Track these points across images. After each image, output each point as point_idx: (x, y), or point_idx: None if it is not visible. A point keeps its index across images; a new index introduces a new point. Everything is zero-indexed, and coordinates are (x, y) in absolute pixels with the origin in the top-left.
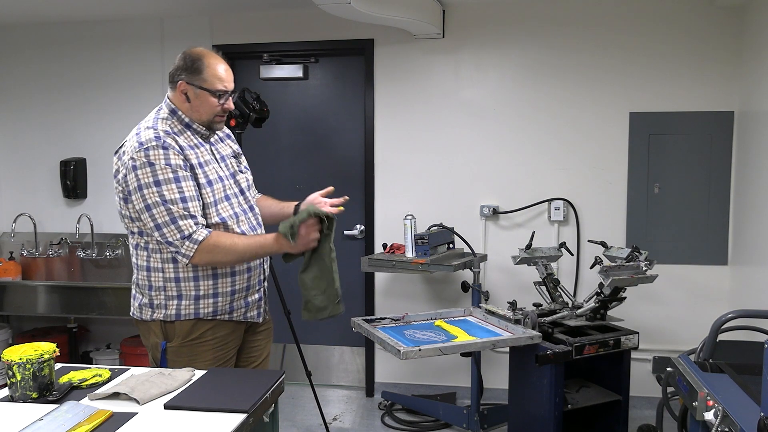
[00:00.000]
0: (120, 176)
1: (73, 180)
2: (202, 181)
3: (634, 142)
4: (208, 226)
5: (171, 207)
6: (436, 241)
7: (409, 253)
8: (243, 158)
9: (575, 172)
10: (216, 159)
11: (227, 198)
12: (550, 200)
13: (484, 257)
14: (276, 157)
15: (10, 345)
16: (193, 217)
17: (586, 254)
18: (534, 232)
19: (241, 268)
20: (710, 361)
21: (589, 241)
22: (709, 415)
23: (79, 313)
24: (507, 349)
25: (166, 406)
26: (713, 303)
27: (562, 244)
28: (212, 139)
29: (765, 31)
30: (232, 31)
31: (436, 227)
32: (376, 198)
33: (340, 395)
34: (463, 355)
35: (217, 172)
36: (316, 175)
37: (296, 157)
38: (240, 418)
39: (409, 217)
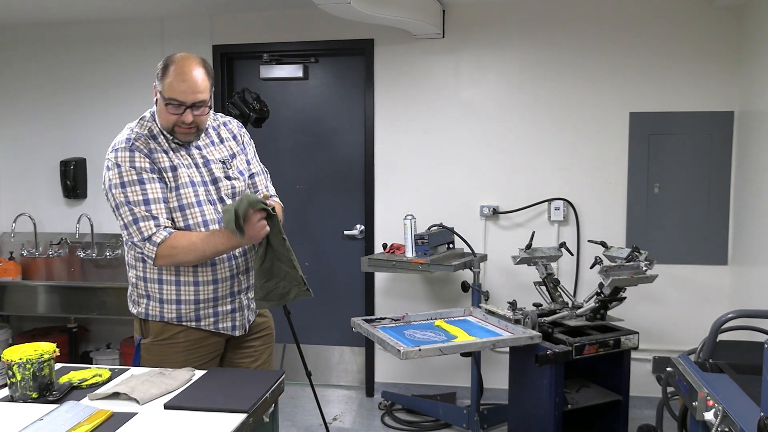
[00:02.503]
0: (102, 175)
1: (73, 180)
2: (171, 184)
3: (634, 142)
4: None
5: (134, 208)
6: (436, 241)
7: (409, 253)
8: (240, 161)
9: (575, 172)
10: (195, 164)
11: (198, 204)
12: (550, 200)
13: (484, 257)
14: (276, 157)
15: (10, 345)
16: (155, 218)
17: (586, 254)
18: (534, 232)
19: (205, 279)
20: (710, 361)
21: (589, 241)
22: (709, 415)
23: (79, 313)
24: (507, 349)
25: (166, 406)
26: (713, 303)
27: (562, 244)
28: (201, 143)
29: (765, 31)
30: (232, 31)
31: (436, 227)
32: (376, 198)
33: (340, 395)
34: (463, 355)
35: (189, 177)
36: (316, 175)
37: (296, 157)
38: (240, 418)
39: (409, 217)
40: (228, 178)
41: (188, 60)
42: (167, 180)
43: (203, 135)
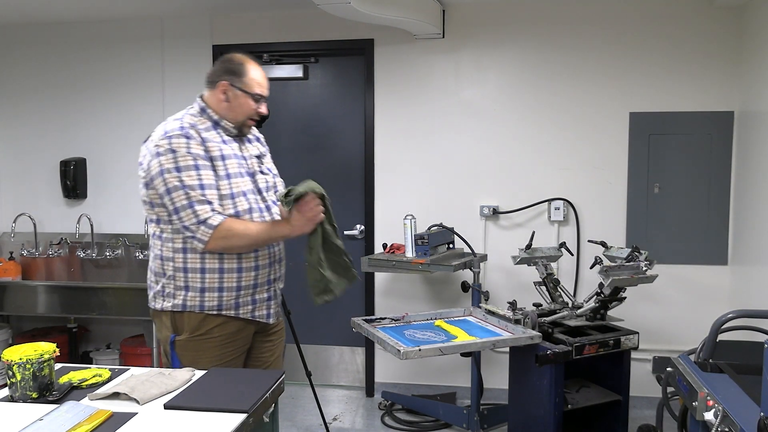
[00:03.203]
0: (144, 162)
1: (73, 180)
2: (221, 173)
3: (634, 142)
4: None
5: (189, 192)
6: (436, 241)
7: (409, 253)
8: (268, 160)
9: (575, 172)
10: (239, 156)
11: (244, 194)
12: (550, 200)
13: (484, 257)
14: (276, 157)
15: (10, 345)
16: (209, 203)
17: (586, 254)
18: (534, 232)
19: (248, 265)
20: (710, 361)
21: (589, 241)
22: (709, 415)
23: (79, 313)
24: (507, 349)
25: (166, 406)
26: (713, 303)
27: (562, 244)
28: (238, 141)
29: (765, 31)
30: (232, 31)
31: (436, 227)
32: (376, 198)
33: (340, 395)
34: (463, 355)
35: (238, 167)
36: (316, 175)
37: (296, 157)
38: (240, 418)
39: (409, 217)
40: (262, 172)
41: (254, 61)
42: (217, 168)
43: None
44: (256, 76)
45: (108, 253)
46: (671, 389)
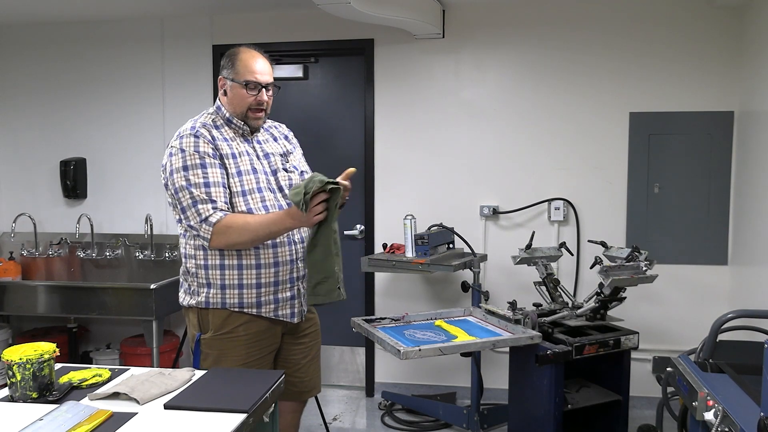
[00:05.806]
0: (163, 163)
1: (73, 180)
2: (232, 170)
3: (634, 142)
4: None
5: (193, 191)
6: (436, 241)
7: (409, 253)
8: (295, 157)
9: (575, 172)
10: (257, 155)
11: (259, 190)
12: (550, 200)
13: (484, 257)
14: None
15: (10, 345)
16: (213, 201)
17: (586, 254)
18: (534, 232)
19: (267, 262)
20: (710, 361)
21: (589, 241)
22: (709, 415)
23: (79, 313)
24: (507, 349)
25: (166, 406)
26: (713, 303)
27: (562, 244)
28: (260, 138)
29: (765, 31)
30: (232, 31)
31: (436, 227)
32: (376, 198)
33: (340, 395)
34: (463, 355)
35: (252, 164)
36: None
37: None
38: (240, 418)
39: (409, 217)
40: (286, 170)
41: (252, 50)
42: (228, 166)
43: (261, 132)
44: (248, 62)
45: (108, 253)
46: (671, 389)
